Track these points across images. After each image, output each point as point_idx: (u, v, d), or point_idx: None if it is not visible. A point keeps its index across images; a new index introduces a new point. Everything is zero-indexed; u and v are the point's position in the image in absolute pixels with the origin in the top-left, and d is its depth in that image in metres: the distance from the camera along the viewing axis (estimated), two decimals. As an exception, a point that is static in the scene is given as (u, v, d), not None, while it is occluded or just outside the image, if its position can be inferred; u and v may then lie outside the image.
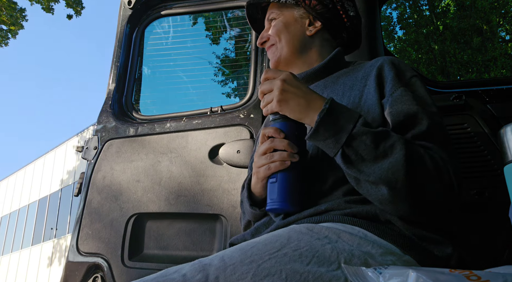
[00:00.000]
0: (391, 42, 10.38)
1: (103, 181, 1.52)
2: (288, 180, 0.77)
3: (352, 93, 0.89)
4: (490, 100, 1.33)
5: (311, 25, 1.03)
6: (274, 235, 0.67)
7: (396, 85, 0.82)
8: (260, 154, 0.80)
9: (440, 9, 10.26)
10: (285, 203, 0.75)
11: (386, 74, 0.86)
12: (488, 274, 0.48)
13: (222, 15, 2.07)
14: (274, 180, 0.77)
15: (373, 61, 0.94)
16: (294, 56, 1.02)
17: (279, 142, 0.78)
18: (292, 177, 0.77)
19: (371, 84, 0.86)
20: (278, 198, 0.76)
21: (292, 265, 0.58)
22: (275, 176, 0.78)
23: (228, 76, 3.89)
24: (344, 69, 0.99)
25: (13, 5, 8.31)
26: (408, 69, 0.88)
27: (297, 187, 0.77)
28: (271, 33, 1.04)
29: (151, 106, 1.81)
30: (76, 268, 1.43)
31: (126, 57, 1.71)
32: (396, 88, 0.82)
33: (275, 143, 0.78)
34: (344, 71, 0.98)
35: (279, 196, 0.76)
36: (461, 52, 9.32)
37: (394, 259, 0.65)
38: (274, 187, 0.77)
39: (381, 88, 0.85)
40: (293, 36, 1.02)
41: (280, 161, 0.76)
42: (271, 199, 0.77)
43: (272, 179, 0.78)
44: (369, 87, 0.87)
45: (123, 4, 1.70)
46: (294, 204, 0.76)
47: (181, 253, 1.41)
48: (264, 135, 0.81)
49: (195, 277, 0.55)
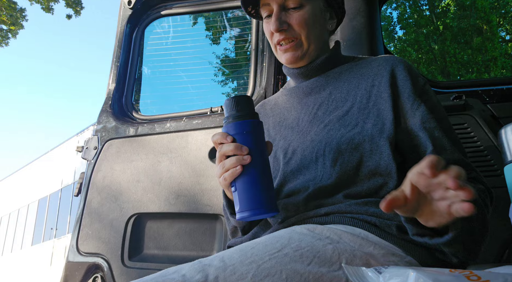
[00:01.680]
0: (391, 42, 10.38)
1: (103, 181, 1.52)
2: (245, 186, 0.71)
3: (358, 92, 0.88)
4: (490, 100, 1.33)
5: (331, 19, 0.97)
6: (275, 236, 0.66)
7: (418, 99, 0.84)
8: (216, 163, 0.76)
9: (440, 9, 10.26)
10: (251, 211, 0.70)
11: (401, 80, 0.86)
12: (488, 274, 0.48)
13: (222, 15, 2.07)
14: (234, 189, 0.73)
15: (379, 60, 0.92)
16: (315, 53, 0.94)
17: (226, 147, 0.72)
18: (250, 181, 0.71)
19: (383, 87, 0.85)
20: (242, 207, 0.71)
21: (293, 266, 0.58)
22: (233, 184, 0.73)
23: (228, 76, 3.89)
24: (346, 64, 0.97)
25: (13, 5, 8.31)
26: (419, 74, 0.89)
27: (259, 188, 0.72)
28: (296, 25, 0.90)
29: (151, 106, 1.81)
30: (76, 268, 1.43)
31: (126, 57, 1.71)
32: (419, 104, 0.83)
33: (223, 149, 0.73)
34: (346, 67, 0.95)
35: (242, 205, 0.71)
36: (461, 52, 9.32)
37: (396, 260, 0.65)
38: (236, 196, 0.73)
39: (395, 95, 0.85)
40: (321, 31, 0.93)
41: (232, 169, 0.71)
42: (237, 210, 0.72)
43: (233, 188, 0.73)
44: (380, 89, 0.86)
45: (123, 4, 1.70)
46: (261, 207, 0.71)
47: (181, 253, 1.41)
48: (216, 143, 0.76)
49: (195, 277, 0.55)
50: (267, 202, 0.72)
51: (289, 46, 0.91)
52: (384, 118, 0.82)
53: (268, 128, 0.99)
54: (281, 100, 1.02)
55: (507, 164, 0.95)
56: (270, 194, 0.73)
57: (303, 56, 0.92)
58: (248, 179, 0.72)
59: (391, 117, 0.81)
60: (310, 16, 0.90)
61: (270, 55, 1.55)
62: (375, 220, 0.72)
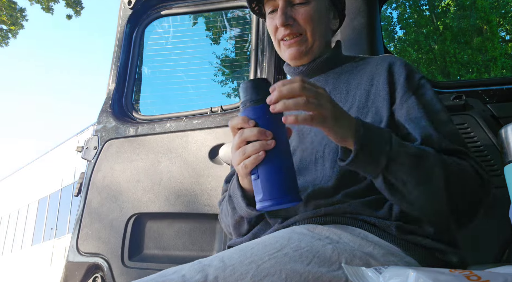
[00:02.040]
0: (391, 42, 10.38)
1: (103, 181, 1.52)
2: (270, 172, 0.67)
3: (357, 92, 0.88)
4: (490, 100, 1.33)
5: (335, 18, 0.97)
6: (274, 236, 0.66)
7: (408, 92, 0.82)
8: (234, 149, 0.71)
9: (440, 9, 10.26)
10: (274, 199, 0.66)
11: (397, 77, 0.86)
12: (488, 274, 0.48)
13: (222, 15, 2.07)
14: (256, 177, 0.68)
15: (378, 59, 0.92)
16: (319, 50, 0.93)
17: (249, 132, 0.67)
18: (274, 168, 0.67)
19: (381, 86, 0.85)
20: (265, 196, 0.66)
21: (292, 265, 0.58)
22: (255, 171, 0.68)
23: (228, 76, 3.89)
24: (346, 64, 0.96)
25: (13, 5, 8.31)
26: (416, 71, 0.89)
27: (283, 176, 0.67)
28: (302, 20, 0.89)
29: (151, 106, 1.81)
30: (76, 268, 1.43)
31: (126, 57, 1.71)
32: (408, 96, 0.82)
33: (245, 134, 0.68)
34: (346, 67, 0.95)
35: (266, 194, 0.66)
36: (461, 52, 9.32)
37: (396, 260, 0.65)
38: (258, 184, 0.68)
39: (391, 92, 0.84)
40: (325, 29, 0.93)
41: (254, 155, 0.67)
42: (259, 199, 0.68)
43: (254, 176, 0.68)
44: (378, 88, 0.86)
45: (123, 4, 1.70)
46: (286, 196, 0.66)
47: (181, 253, 1.41)
48: (234, 128, 0.71)
49: (194, 278, 0.55)
50: (292, 190, 0.67)
51: (294, 41, 0.90)
52: (382, 116, 0.82)
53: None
54: None
55: (507, 164, 0.95)
56: (294, 182, 0.68)
57: (307, 52, 0.91)
58: (272, 166, 0.67)
59: (387, 114, 0.81)
60: (316, 12, 0.90)
61: (270, 55, 1.55)
62: (375, 220, 0.72)
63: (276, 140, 0.67)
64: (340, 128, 0.66)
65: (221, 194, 1.00)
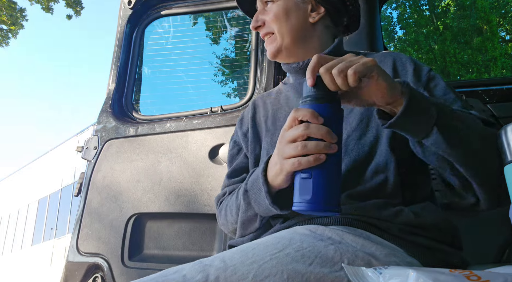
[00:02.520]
0: (391, 42, 10.38)
1: (103, 181, 1.52)
2: (326, 177, 0.62)
3: None
4: (490, 100, 1.33)
5: (314, 11, 0.93)
6: (276, 236, 0.66)
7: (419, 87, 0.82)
8: (287, 140, 0.65)
9: (440, 9, 10.26)
10: (324, 205, 0.61)
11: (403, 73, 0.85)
12: (488, 274, 0.48)
13: (222, 15, 2.07)
14: (308, 176, 0.62)
15: (381, 56, 0.91)
16: (295, 46, 0.92)
17: (316, 129, 0.62)
18: (330, 173, 0.62)
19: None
20: (314, 199, 0.61)
21: (294, 266, 0.58)
22: (308, 171, 0.63)
23: (228, 76, 3.88)
24: None
25: (13, 5, 8.31)
26: (423, 64, 0.88)
27: (335, 184, 0.63)
28: (269, 19, 0.92)
29: (151, 106, 1.81)
30: (76, 268, 1.44)
31: (126, 57, 1.71)
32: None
33: (311, 129, 0.62)
34: None
35: (315, 197, 0.61)
36: (461, 52, 9.33)
37: (398, 260, 0.65)
38: (308, 185, 0.62)
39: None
40: (295, 24, 0.91)
41: (315, 155, 0.62)
42: (303, 199, 0.62)
43: (305, 174, 0.63)
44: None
45: (123, 4, 1.70)
46: (333, 205, 0.62)
47: (181, 253, 1.41)
48: (296, 119, 0.64)
49: (195, 278, 0.55)
50: (338, 200, 0.63)
51: (268, 41, 0.94)
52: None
53: (267, 125, 0.98)
54: (280, 95, 1.02)
55: (507, 164, 0.95)
56: (340, 193, 0.65)
57: (280, 49, 0.92)
58: (329, 171, 0.62)
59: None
60: (281, 9, 0.91)
61: (270, 55, 1.55)
62: (377, 221, 0.71)
63: (338, 146, 0.63)
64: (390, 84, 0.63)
65: (221, 189, 0.98)
